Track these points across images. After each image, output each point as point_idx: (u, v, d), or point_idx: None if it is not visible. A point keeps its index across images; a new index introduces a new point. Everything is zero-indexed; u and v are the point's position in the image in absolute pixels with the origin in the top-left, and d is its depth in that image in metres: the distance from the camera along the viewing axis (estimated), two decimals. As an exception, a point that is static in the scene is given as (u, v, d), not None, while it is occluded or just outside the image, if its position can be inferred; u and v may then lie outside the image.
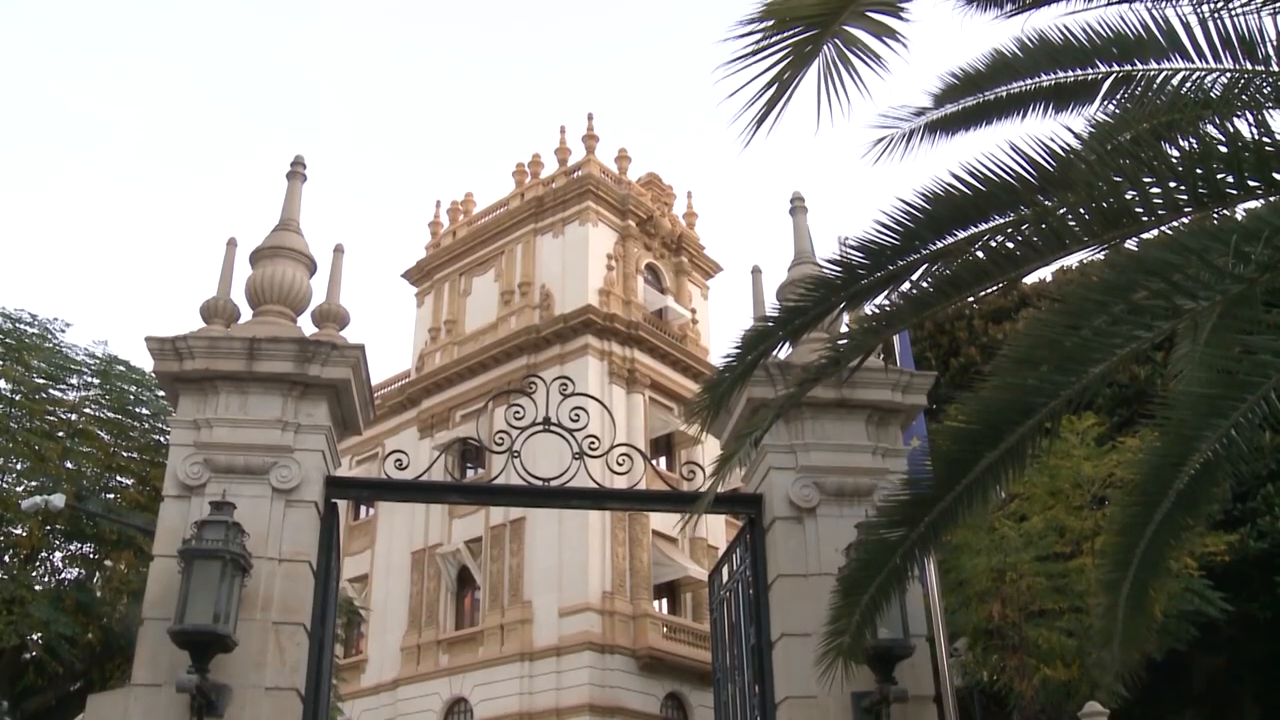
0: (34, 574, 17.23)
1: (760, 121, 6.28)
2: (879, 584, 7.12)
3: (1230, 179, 5.20)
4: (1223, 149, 5.25)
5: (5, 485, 16.82)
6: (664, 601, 33.14)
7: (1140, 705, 17.63)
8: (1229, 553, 17.69)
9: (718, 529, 33.29)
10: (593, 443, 8.73)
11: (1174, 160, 5.37)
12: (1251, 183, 5.20)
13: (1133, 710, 17.19)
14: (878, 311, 6.61)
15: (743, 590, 9.30)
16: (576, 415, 8.70)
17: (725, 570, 10.05)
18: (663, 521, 32.18)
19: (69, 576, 17.88)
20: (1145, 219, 5.44)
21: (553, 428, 8.87)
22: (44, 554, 17.71)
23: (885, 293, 6.48)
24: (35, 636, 16.21)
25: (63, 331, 18.12)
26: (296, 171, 9.34)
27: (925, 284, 6.28)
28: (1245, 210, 5.60)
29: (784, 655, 8.37)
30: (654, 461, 29.10)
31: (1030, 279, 27.56)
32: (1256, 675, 21.96)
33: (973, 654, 18.90)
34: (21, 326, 17.66)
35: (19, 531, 16.93)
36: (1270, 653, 21.01)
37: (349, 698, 31.43)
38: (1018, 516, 17.61)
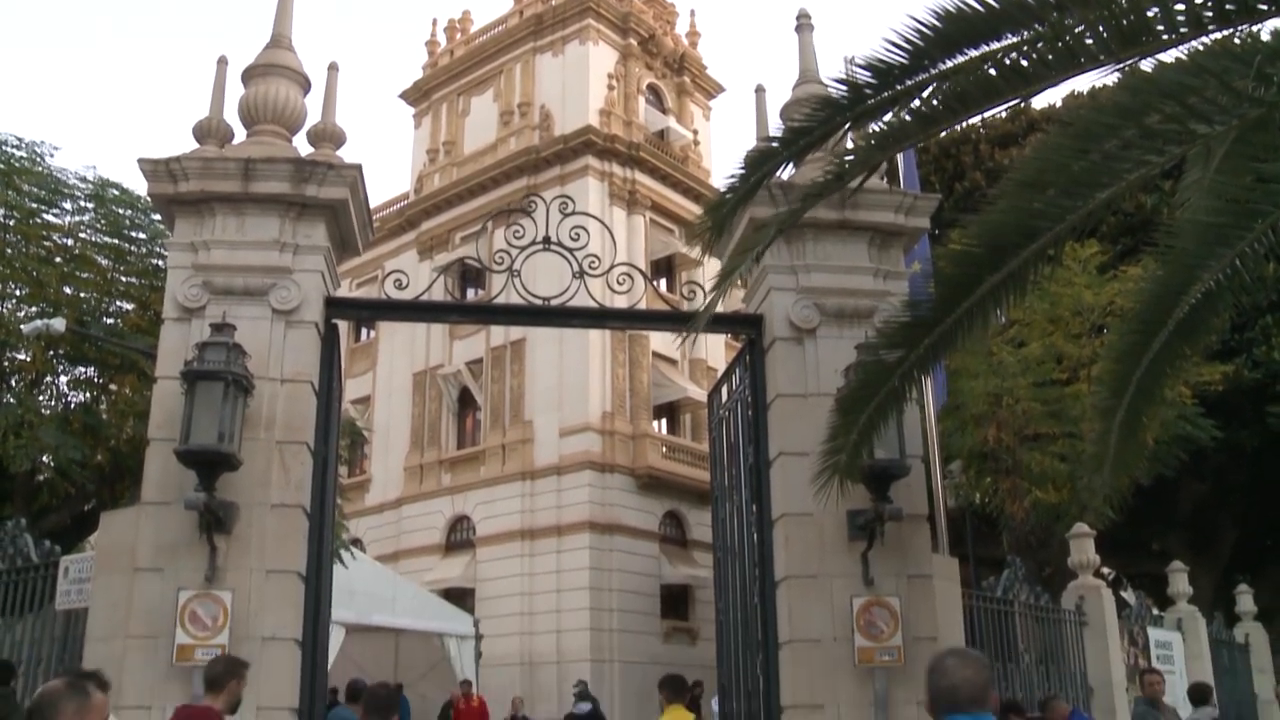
0: (40, 399, 17.41)
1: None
2: (877, 404, 7.19)
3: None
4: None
5: (5, 310, 16.83)
6: (663, 422, 33.57)
7: (1126, 528, 18.05)
8: (1223, 382, 17.88)
9: (717, 351, 33.50)
10: (593, 262, 8.68)
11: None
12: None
13: (1119, 533, 17.60)
14: (884, 128, 6.48)
15: (741, 410, 9.39)
16: (577, 234, 8.64)
17: (724, 390, 10.14)
18: (663, 343, 32.35)
19: (75, 400, 18.06)
20: (1166, 36, 5.27)
21: (553, 247, 8.82)
22: (49, 379, 17.86)
23: (892, 112, 6.34)
24: (46, 459, 16.48)
25: (51, 155, 17.76)
26: (287, -16, 9.02)
27: (934, 101, 6.13)
28: (1273, 31, 5.41)
29: (781, 474, 8.51)
30: (654, 283, 29.10)
31: (1039, 103, 27.12)
32: (1238, 500, 22.50)
33: (966, 476, 19.26)
34: (8, 149, 17.25)
35: (22, 357, 17.02)
36: (1253, 479, 21.47)
37: (354, 516, 32.17)
38: (1016, 342, 17.71)
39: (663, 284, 33.47)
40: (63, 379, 18.17)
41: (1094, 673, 11.92)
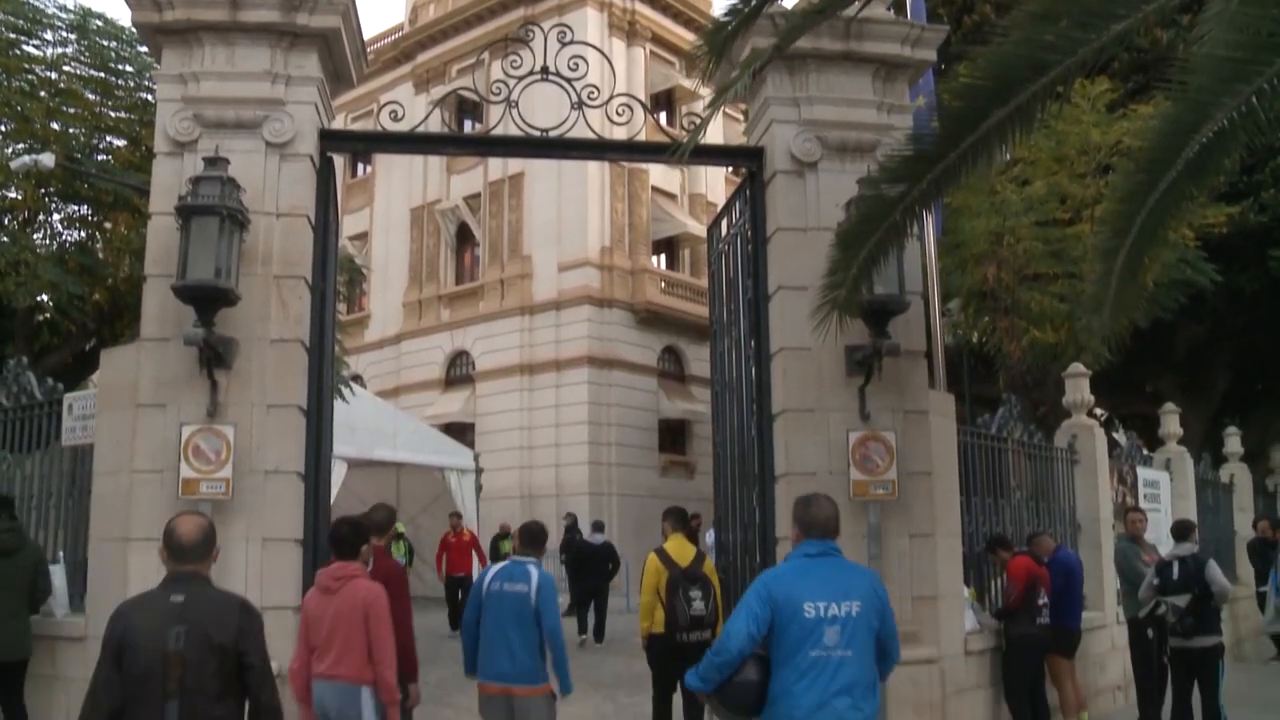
0: (35, 237, 17.26)
1: None
2: (877, 239, 7.13)
3: None
4: None
5: (-8, 147, 16.52)
6: (662, 257, 33.48)
7: (1121, 369, 18.16)
8: (1227, 225, 17.66)
9: (717, 185, 33.20)
10: (592, 93, 8.51)
11: None
12: None
13: (1114, 374, 17.74)
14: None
15: (741, 244, 9.34)
16: (575, 64, 8.44)
17: (724, 224, 10.07)
18: (662, 177, 32.04)
19: (70, 239, 17.91)
20: None
21: (551, 77, 8.62)
22: (42, 217, 17.68)
23: (899, -66, 6.12)
24: (45, 298, 16.45)
25: (25, -18, 17.13)
26: None
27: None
28: None
29: (780, 308, 8.50)
30: (654, 115, 28.63)
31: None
32: (1233, 344, 22.54)
33: (965, 315, 19.27)
34: None
35: (14, 195, 16.80)
36: (1250, 322, 21.46)
37: (354, 352, 32.35)
38: (1020, 181, 17.44)
39: (663, 118, 32.92)
40: (56, 217, 18.00)
41: (1083, 510, 12.15)
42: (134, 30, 8.60)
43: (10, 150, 16.23)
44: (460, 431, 28.87)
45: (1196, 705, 9.67)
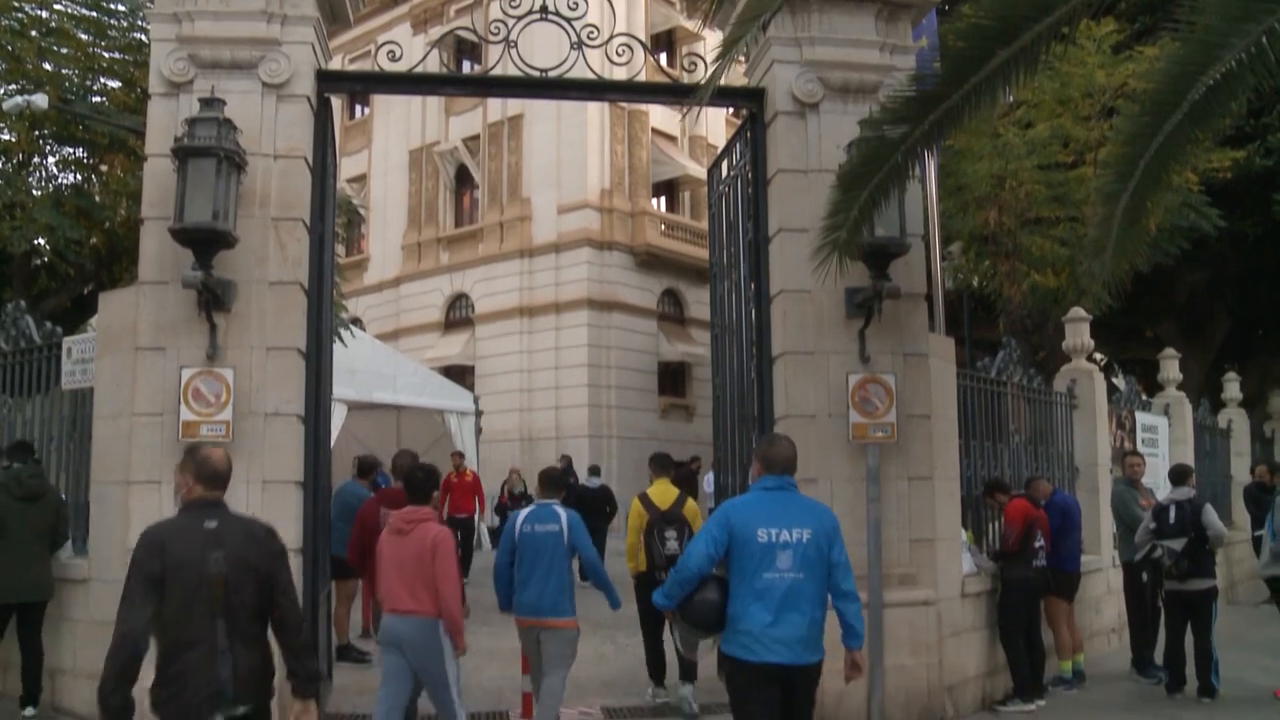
0: (30, 180, 17.13)
1: None
2: (878, 181, 7.10)
3: None
4: None
5: (-17, 87, 16.34)
6: (662, 199, 33.30)
7: (1122, 314, 18.10)
8: (1232, 169, 17.45)
9: (717, 127, 32.95)
10: (591, 33, 8.44)
11: None
12: None
13: (1114, 319, 17.67)
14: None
15: (741, 186, 9.30)
16: (574, 4, 8.36)
17: (724, 165, 10.01)
18: (662, 119, 31.79)
19: (65, 182, 17.77)
20: None
21: (550, 17, 8.54)
22: (37, 160, 17.55)
23: None
24: (42, 241, 16.37)
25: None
26: None
27: None
28: None
29: (780, 250, 8.48)
30: (654, 56, 28.38)
31: None
32: (1234, 289, 22.41)
33: (965, 258, 19.21)
34: None
35: (8, 137, 16.66)
36: (1252, 268, 21.31)
37: (353, 295, 32.28)
38: (1023, 123, 17.29)
39: (663, 59, 32.60)
40: (51, 160, 17.86)
41: (1081, 454, 12.18)
42: (126, -32, 8.48)
43: (2, 91, 16.08)
44: (460, 374, 28.88)
45: (1189, 647, 9.75)
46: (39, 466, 8.73)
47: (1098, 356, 16.45)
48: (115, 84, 17.43)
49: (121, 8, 17.08)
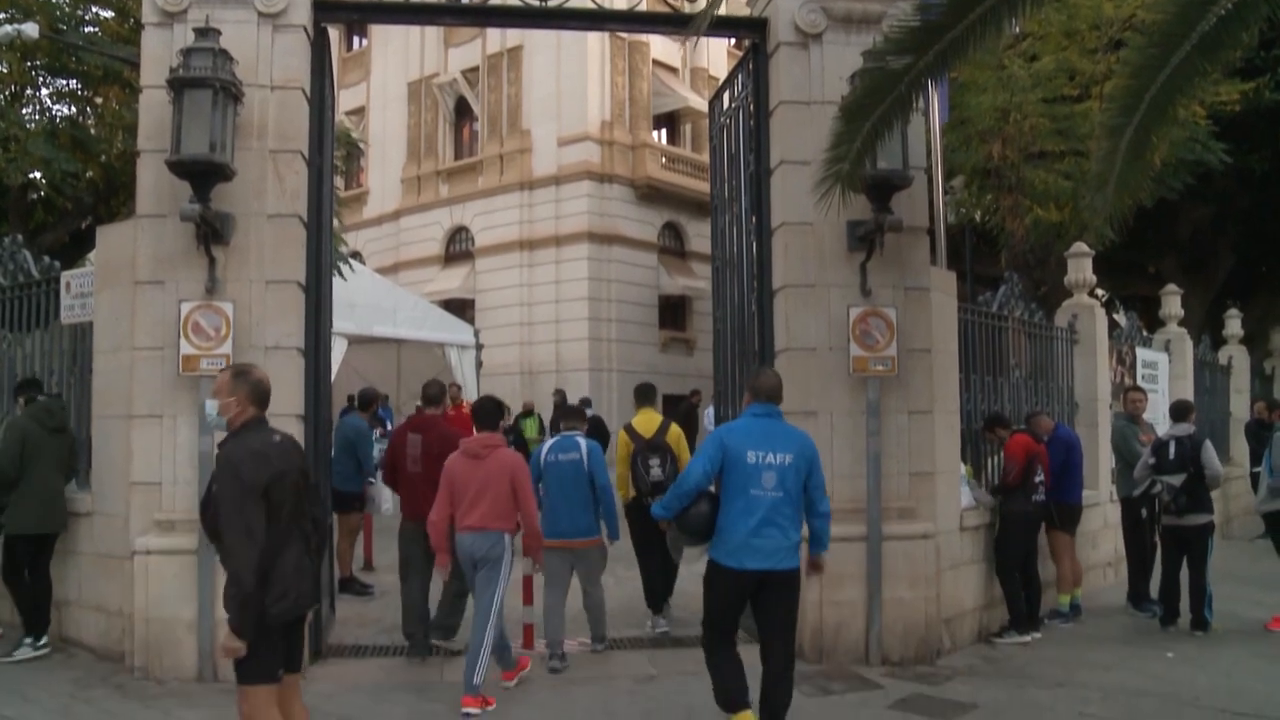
0: (24, 112, 16.93)
1: None
2: (882, 113, 7.01)
3: None
4: None
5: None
6: (663, 132, 33.01)
7: (1124, 250, 17.98)
8: (1240, 102, 17.15)
9: (719, 58, 32.59)
10: (591, -38, 8.32)
11: None
12: None
13: (1116, 254, 17.56)
14: None
15: (743, 117, 9.22)
16: (575, -69, 8.24)
17: (726, 97, 9.92)
18: (663, 50, 31.42)
19: (59, 114, 17.57)
20: None
21: (548, -53, 8.42)
22: (30, 91, 17.34)
23: None
24: (38, 175, 16.22)
25: None
26: None
27: None
28: None
29: (782, 182, 8.43)
30: (654, -12, 28.00)
31: None
32: (1239, 225, 22.21)
33: (968, 192, 19.08)
34: None
35: (0, 68, 16.44)
36: (1257, 203, 21.10)
37: (352, 228, 32.10)
38: (1029, 56, 17.05)
39: (663, -12, 32.18)
40: (45, 92, 17.65)
41: (1081, 389, 12.18)
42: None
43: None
44: (460, 308, 28.81)
45: (1184, 581, 9.83)
46: (60, 399, 8.75)
47: (1099, 292, 16.42)
48: (108, 14, 17.20)
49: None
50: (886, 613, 8.11)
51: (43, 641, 8.14)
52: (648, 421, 9.35)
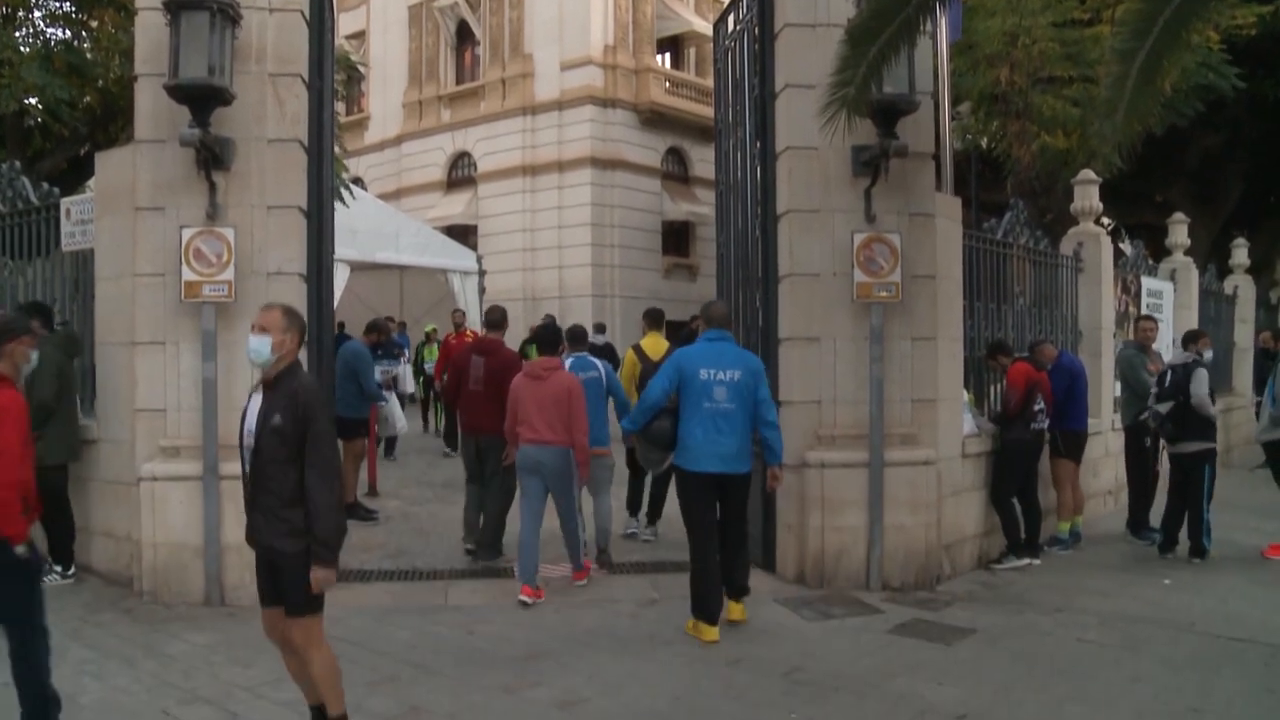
0: (16, 36, 16.63)
1: None
2: (888, 36, 6.90)
3: None
4: None
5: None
6: (667, 56, 32.62)
7: (1132, 178, 17.76)
8: (1257, 26, 16.71)
9: (723, -19, 32.17)
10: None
11: None
12: None
13: (1123, 183, 17.37)
14: None
15: (748, 41, 9.10)
16: None
17: (731, 20, 9.78)
18: (666, -27, 31.02)
19: (54, 37, 17.26)
20: None
21: None
22: (22, 14, 17.04)
23: None
24: (34, 101, 16.00)
25: None
26: None
27: None
28: None
29: (787, 107, 8.34)
30: (658, -92, 27.49)
31: None
32: (1249, 154, 21.87)
33: (975, 118, 18.87)
34: None
35: (-10, -11, 16.15)
36: (1268, 131, 20.72)
37: (354, 154, 31.86)
38: (1039, -22, 16.78)
39: (667, -93, 31.60)
40: (38, 14, 17.33)
41: (1085, 318, 12.13)
42: None
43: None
44: (462, 233, 28.70)
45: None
46: (71, 329, 8.72)
47: (1105, 220, 16.27)
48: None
49: None
50: (888, 539, 8.17)
51: (70, 570, 8.20)
52: (655, 344, 10.17)
